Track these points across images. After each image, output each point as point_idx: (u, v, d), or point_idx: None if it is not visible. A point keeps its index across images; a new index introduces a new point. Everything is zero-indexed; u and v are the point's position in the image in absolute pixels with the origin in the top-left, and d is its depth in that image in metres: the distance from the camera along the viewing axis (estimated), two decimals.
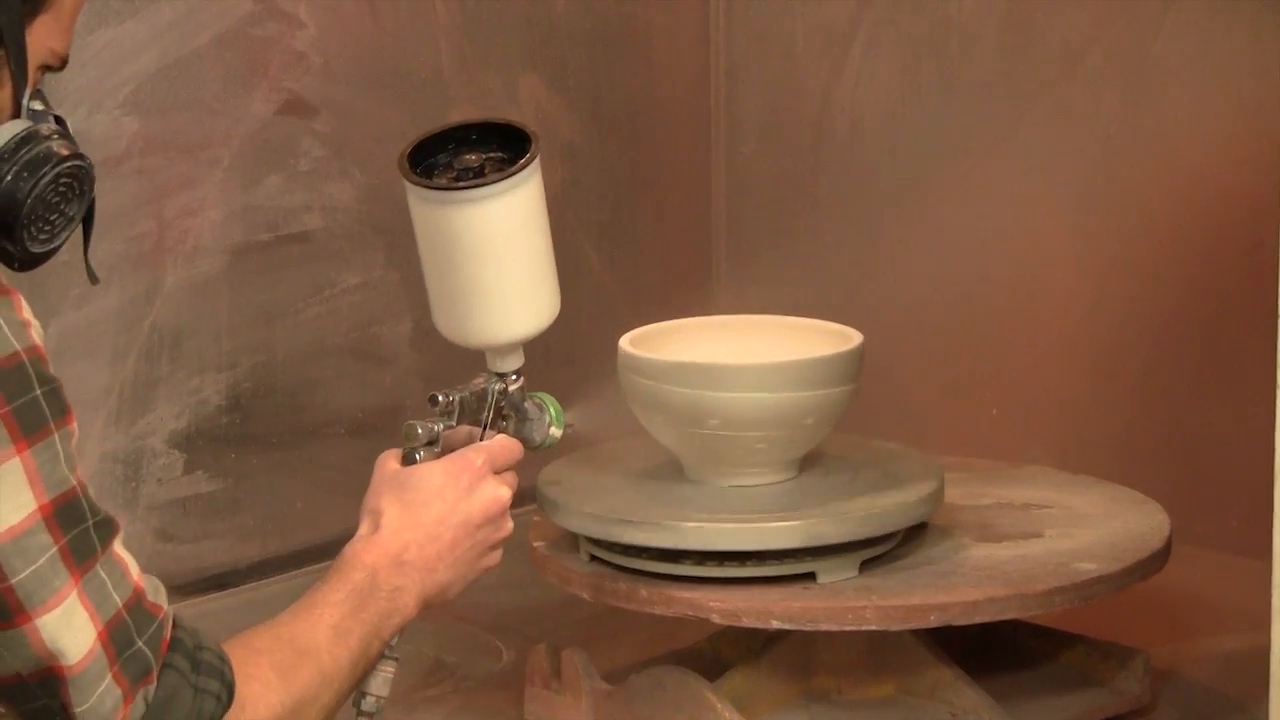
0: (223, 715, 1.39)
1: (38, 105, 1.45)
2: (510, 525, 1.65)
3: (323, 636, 1.51)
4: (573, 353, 2.71)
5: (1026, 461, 2.24)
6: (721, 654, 2.00)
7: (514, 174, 1.64)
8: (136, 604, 1.37)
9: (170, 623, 1.39)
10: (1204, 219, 2.46)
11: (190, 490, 2.44)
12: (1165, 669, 2.06)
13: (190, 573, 2.43)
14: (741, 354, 1.99)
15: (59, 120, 1.45)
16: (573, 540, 1.95)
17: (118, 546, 1.37)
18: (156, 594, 1.40)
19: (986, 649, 2.02)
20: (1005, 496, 2.08)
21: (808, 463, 1.98)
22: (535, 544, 1.98)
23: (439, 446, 1.66)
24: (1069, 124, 2.59)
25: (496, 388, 1.71)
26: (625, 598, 1.86)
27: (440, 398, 1.68)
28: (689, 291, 2.93)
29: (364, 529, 1.61)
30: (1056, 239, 2.62)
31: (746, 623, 1.82)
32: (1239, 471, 2.32)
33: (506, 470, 1.67)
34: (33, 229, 1.44)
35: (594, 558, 1.92)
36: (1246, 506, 2.16)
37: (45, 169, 1.42)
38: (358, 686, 1.57)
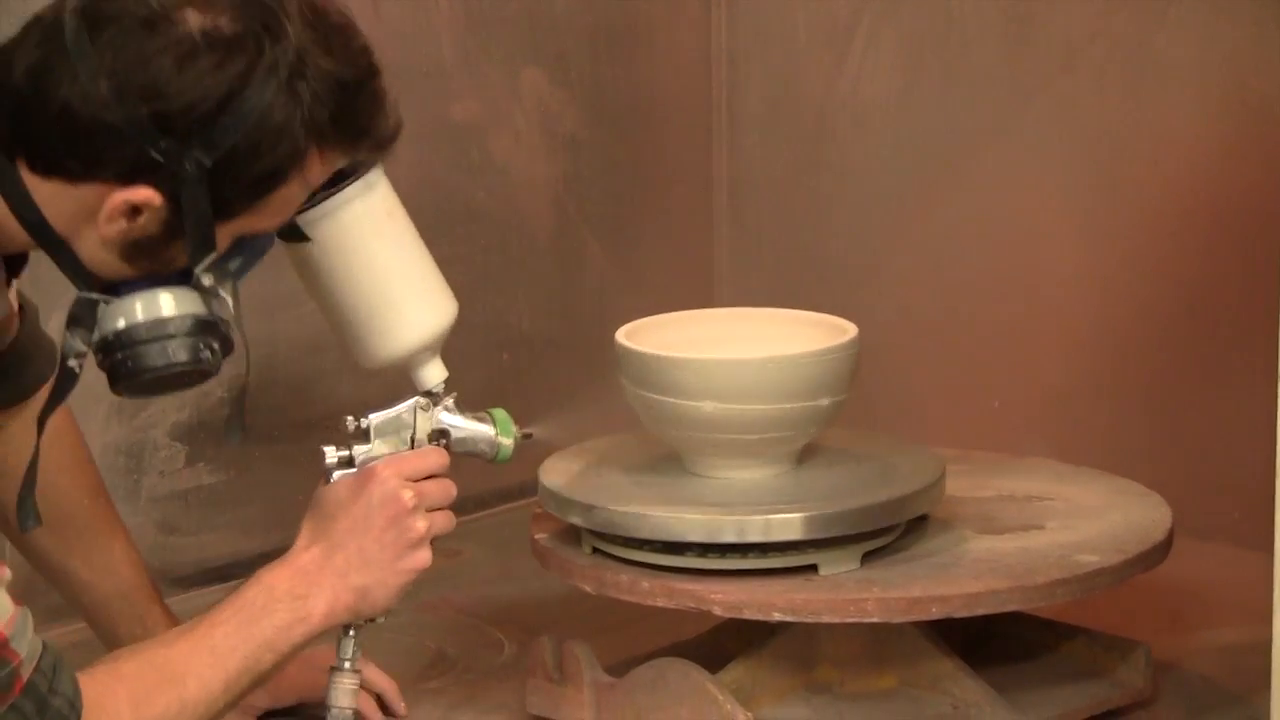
0: None
1: (208, 280, 1.54)
2: (421, 525, 1.68)
3: (198, 660, 1.56)
4: (574, 345, 2.71)
5: (1028, 453, 2.24)
6: (724, 646, 2.00)
7: (346, 186, 1.67)
8: None
9: (28, 667, 1.43)
10: (1207, 212, 2.46)
11: (192, 482, 2.45)
12: (1167, 661, 2.06)
13: (192, 565, 2.43)
14: (737, 346, 1.98)
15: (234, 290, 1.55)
16: (574, 533, 1.95)
17: None
18: (20, 636, 1.43)
19: (988, 641, 2.02)
20: (1007, 488, 2.08)
21: (809, 454, 1.98)
22: (537, 536, 1.98)
23: (356, 468, 1.70)
24: (1071, 117, 2.59)
25: (419, 405, 1.74)
26: (627, 590, 1.86)
27: (349, 420, 1.72)
28: (690, 284, 2.92)
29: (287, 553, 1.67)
30: (1059, 231, 2.61)
31: (748, 615, 1.82)
32: (1241, 464, 2.32)
33: (425, 478, 1.70)
34: (129, 387, 1.57)
35: (596, 550, 1.92)
36: (1249, 499, 2.15)
37: (179, 364, 1.55)
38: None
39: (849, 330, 1.94)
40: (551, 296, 2.76)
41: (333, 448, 1.71)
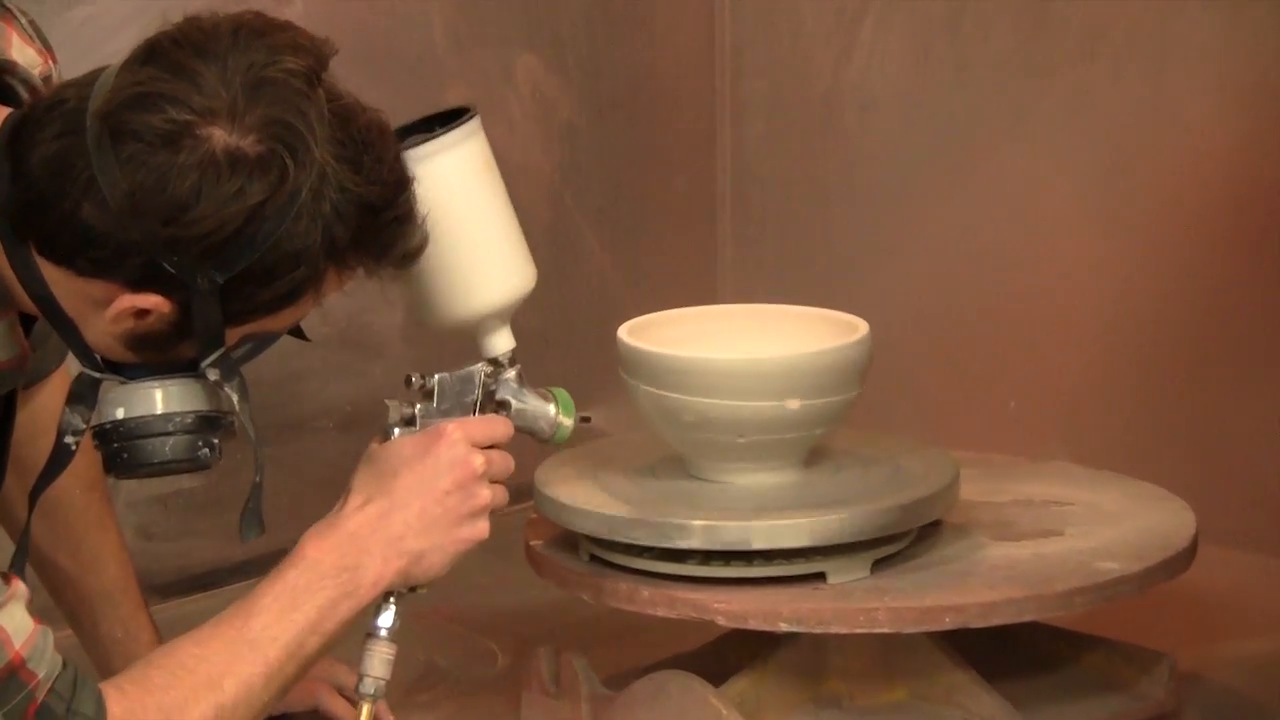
0: None
1: (213, 375, 1.55)
2: (486, 494, 1.66)
3: (235, 659, 1.54)
4: (571, 343, 2.71)
5: (1046, 457, 2.24)
6: (727, 658, 1.99)
7: (448, 132, 1.66)
8: (10, 674, 1.42)
9: (45, 688, 1.43)
10: (1231, 204, 2.45)
11: (172, 486, 2.44)
12: (1190, 673, 2.05)
13: (173, 572, 2.43)
14: (745, 345, 1.98)
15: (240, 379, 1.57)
16: (571, 539, 1.94)
17: (3, 613, 1.42)
18: (38, 657, 1.44)
19: (1004, 652, 2.01)
20: (1023, 493, 2.07)
21: (816, 458, 1.97)
22: (532, 543, 1.97)
23: (418, 428, 1.67)
24: (1089, 105, 2.58)
25: (485, 370, 1.72)
26: (626, 599, 1.86)
27: (414, 379, 1.69)
28: (692, 279, 2.92)
29: (332, 512, 1.64)
30: (1076, 224, 2.61)
31: (753, 625, 1.81)
32: (1268, 468, 2.32)
33: (490, 446, 1.68)
34: (123, 475, 1.59)
35: (594, 557, 1.91)
36: (1275, 504, 2.16)
37: (175, 462, 1.57)
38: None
39: (860, 327, 1.93)
40: (547, 292, 2.73)
41: (396, 402, 1.69)
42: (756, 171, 2.96)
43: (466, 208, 1.69)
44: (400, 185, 1.54)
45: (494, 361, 1.75)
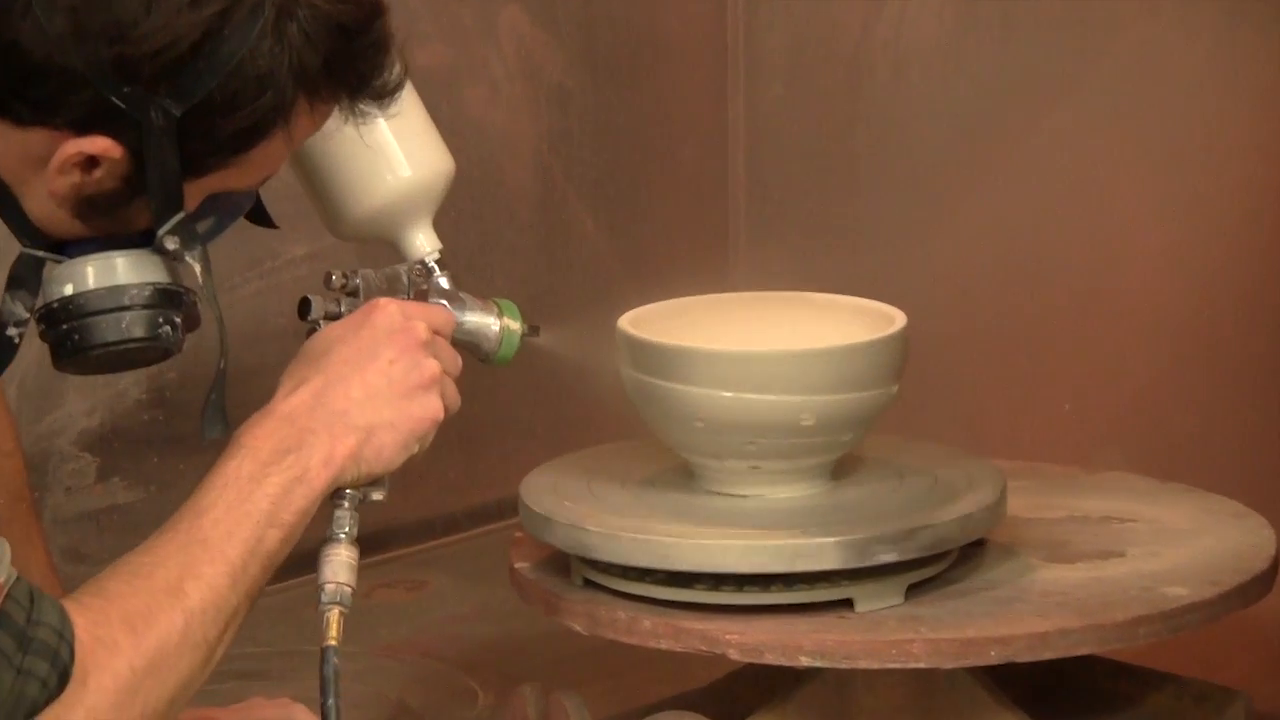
0: (49, 700, 1.43)
1: (172, 244, 1.56)
2: (434, 364, 1.67)
3: (191, 560, 1.54)
4: (562, 336, 2.70)
5: (1105, 466, 2.24)
6: (740, 697, 2.00)
7: None
8: None
9: (1, 594, 1.43)
10: None
11: (105, 501, 2.44)
12: (1269, 713, 2.06)
13: None
14: (759, 338, 1.99)
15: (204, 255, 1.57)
16: (562, 561, 1.94)
17: None
18: None
19: (1057, 691, 2.02)
20: (1080, 508, 2.08)
21: (844, 468, 1.98)
22: (517, 565, 1.97)
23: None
24: (1155, 65, 2.59)
25: (414, 269, 1.76)
26: (625, 630, 1.86)
27: (335, 275, 1.73)
28: (702, 264, 2.93)
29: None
30: (1141, 203, 2.62)
31: (770, 659, 1.81)
32: None
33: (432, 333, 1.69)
34: (74, 363, 1.59)
35: (588, 582, 1.91)
36: None
37: (133, 340, 1.57)
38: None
39: (896, 319, 1.94)
40: (535, 278, 2.77)
41: (319, 298, 1.72)
42: (774, 141, 2.97)
43: None
44: (374, 8, 1.56)
45: (421, 264, 1.77)
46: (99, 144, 1.50)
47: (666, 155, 2.95)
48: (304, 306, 1.72)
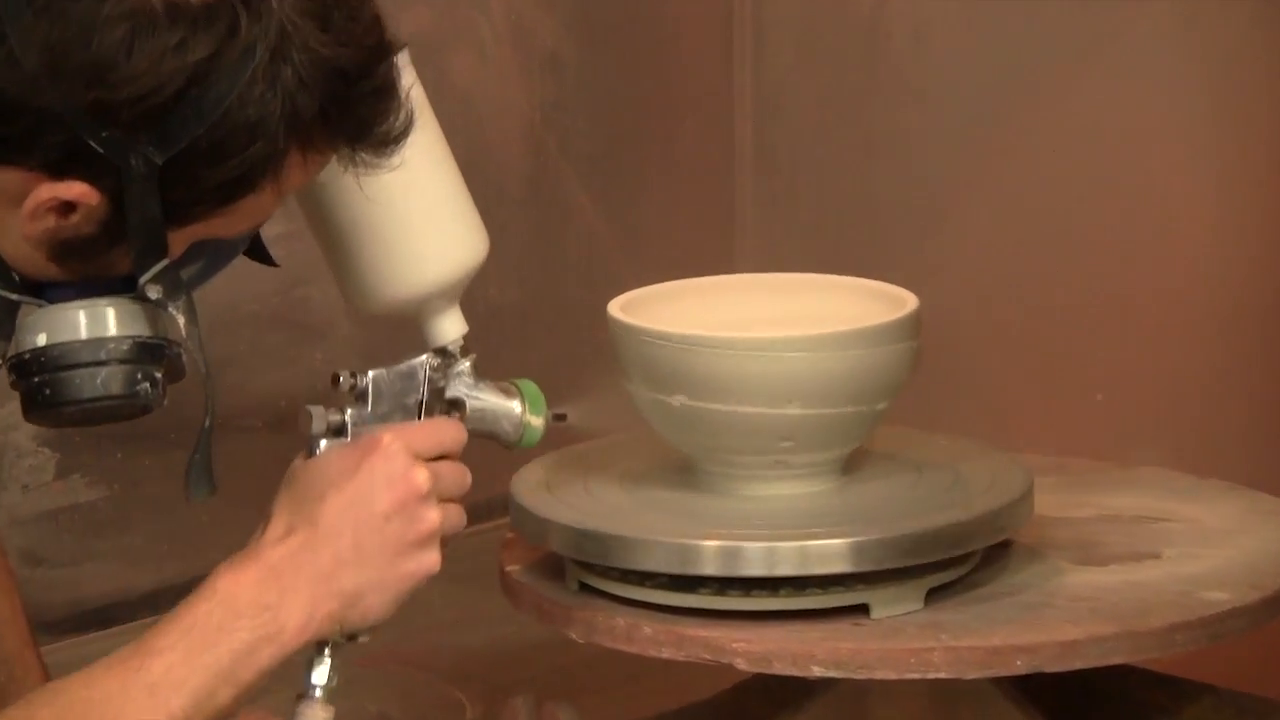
0: None
1: (154, 293, 1.56)
2: (434, 516, 1.66)
3: (131, 703, 1.54)
4: (557, 323, 2.71)
5: (1140, 461, 2.24)
6: (748, 709, 2.00)
7: None
8: None
9: None
10: None
11: (65, 500, 2.45)
12: None
13: (65, 605, 2.43)
14: (765, 323, 1.99)
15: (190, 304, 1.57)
16: (556, 563, 1.94)
17: None
18: None
19: (1088, 703, 2.02)
20: (1112, 506, 2.08)
21: (857, 463, 1.98)
22: (508, 568, 1.97)
23: (349, 438, 1.68)
24: (1194, 26, 2.59)
25: (431, 364, 1.73)
26: (624, 637, 1.85)
27: (343, 377, 1.70)
28: (705, 244, 2.93)
29: (250, 542, 1.64)
30: (1180, 176, 2.62)
31: (780, 669, 1.81)
32: None
33: (437, 457, 1.68)
34: (46, 418, 1.60)
35: (584, 585, 1.91)
36: None
37: (109, 398, 1.57)
38: None
39: (908, 301, 1.94)
40: (527, 258, 2.77)
41: (321, 409, 1.69)
42: (783, 112, 2.97)
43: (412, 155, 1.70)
44: (379, 50, 1.55)
45: (442, 352, 1.77)
46: (75, 189, 1.49)
47: (668, 127, 2.95)
48: (304, 419, 1.70)
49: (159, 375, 1.60)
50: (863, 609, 1.84)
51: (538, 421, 1.79)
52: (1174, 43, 2.61)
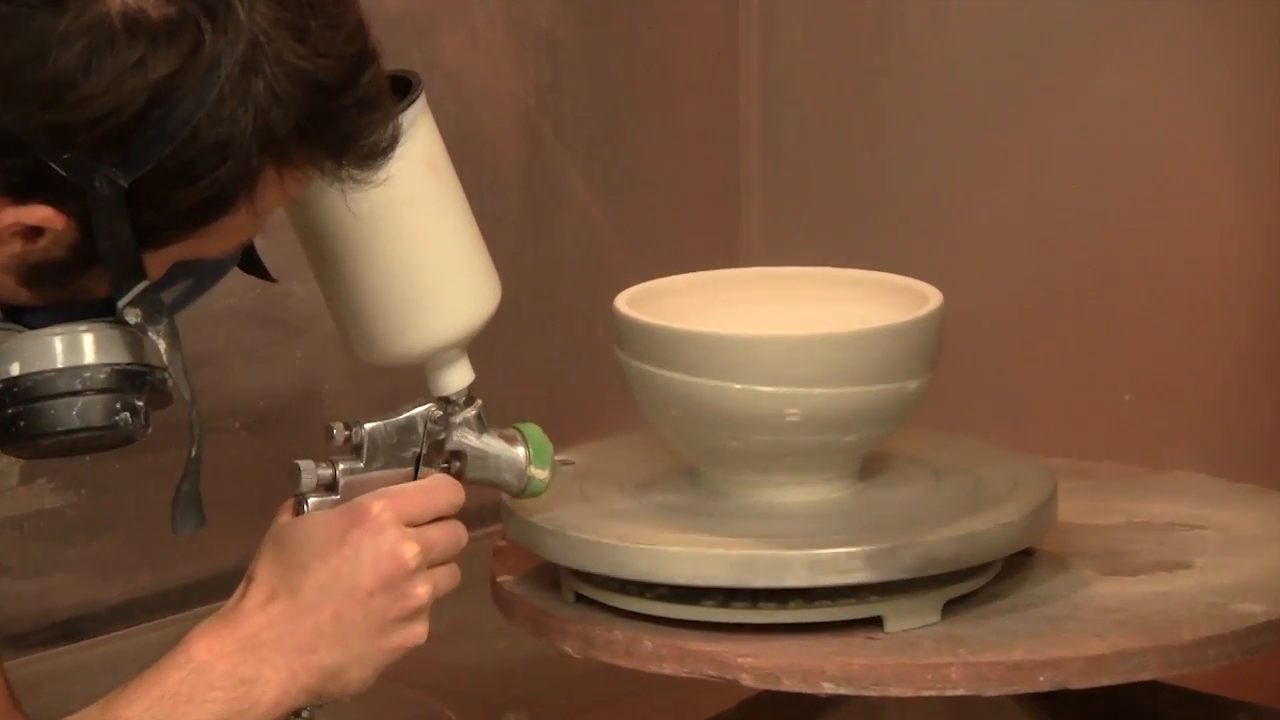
0: None
1: (134, 318, 1.56)
2: (423, 591, 1.67)
3: None
4: (552, 318, 2.71)
5: (1170, 465, 2.25)
6: None
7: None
8: None
9: None
10: None
11: (31, 505, 2.44)
12: None
13: (31, 618, 2.43)
14: (774, 320, 1.99)
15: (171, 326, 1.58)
16: (551, 574, 1.94)
17: None
18: None
19: None
20: (1141, 513, 2.08)
21: (872, 467, 1.98)
22: (501, 579, 1.98)
23: (340, 494, 1.68)
24: (1225, 9, 2.58)
25: (432, 415, 1.74)
26: (623, 652, 1.86)
27: (337, 430, 1.70)
28: (709, 235, 2.94)
29: (228, 603, 1.65)
30: (1211, 166, 2.62)
31: (789, 686, 1.81)
32: None
33: (430, 521, 1.69)
34: (21, 451, 1.60)
35: (580, 597, 1.91)
36: None
37: (88, 429, 1.58)
38: None
39: (930, 298, 1.94)
40: (520, 251, 2.77)
41: (310, 463, 1.69)
42: (792, 96, 2.97)
43: (405, 223, 1.72)
44: (362, 59, 1.54)
45: (446, 401, 1.77)
46: (39, 213, 1.49)
47: (669, 111, 2.95)
48: (293, 473, 1.70)
49: (140, 403, 1.59)
50: (876, 622, 1.84)
51: (542, 474, 1.80)
52: (1203, 26, 2.61)
